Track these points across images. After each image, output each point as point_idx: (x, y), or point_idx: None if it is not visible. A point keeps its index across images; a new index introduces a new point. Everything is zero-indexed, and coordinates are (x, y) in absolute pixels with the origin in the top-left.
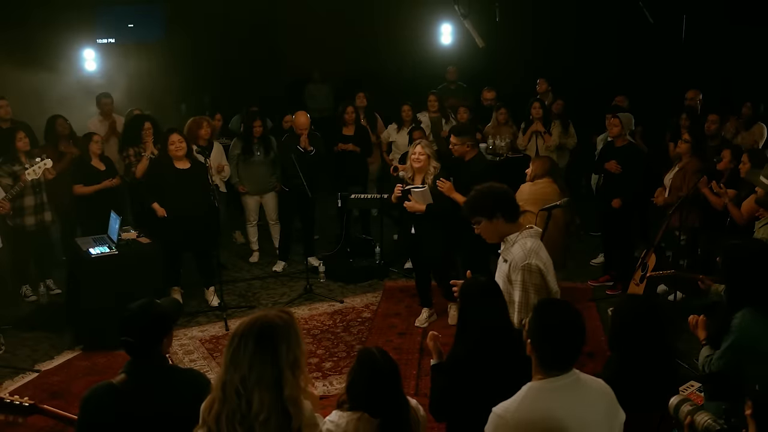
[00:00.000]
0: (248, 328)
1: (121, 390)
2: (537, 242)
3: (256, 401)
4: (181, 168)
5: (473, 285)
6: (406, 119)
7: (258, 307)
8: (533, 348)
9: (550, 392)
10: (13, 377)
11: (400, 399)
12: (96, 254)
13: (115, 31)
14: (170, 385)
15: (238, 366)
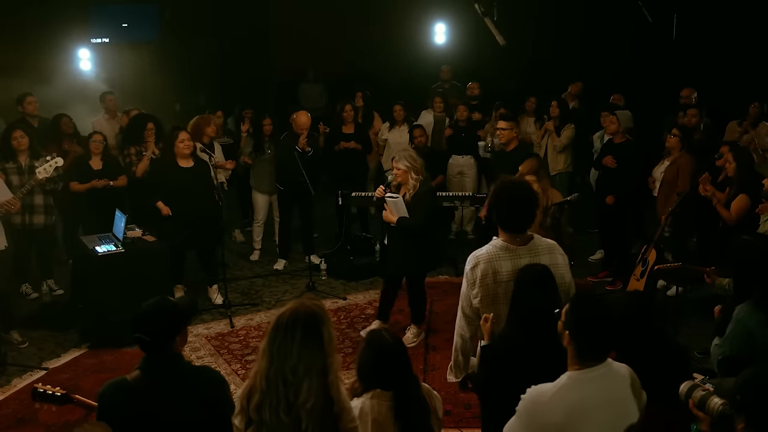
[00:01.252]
0: (292, 318)
1: (134, 386)
2: (490, 251)
3: (304, 389)
4: (184, 166)
5: (529, 271)
6: (398, 119)
7: (261, 304)
8: (571, 339)
9: (585, 382)
10: (21, 375)
11: (409, 373)
12: (103, 252)
13: (109, 30)
14: (184, 382)
15: (286, 356)
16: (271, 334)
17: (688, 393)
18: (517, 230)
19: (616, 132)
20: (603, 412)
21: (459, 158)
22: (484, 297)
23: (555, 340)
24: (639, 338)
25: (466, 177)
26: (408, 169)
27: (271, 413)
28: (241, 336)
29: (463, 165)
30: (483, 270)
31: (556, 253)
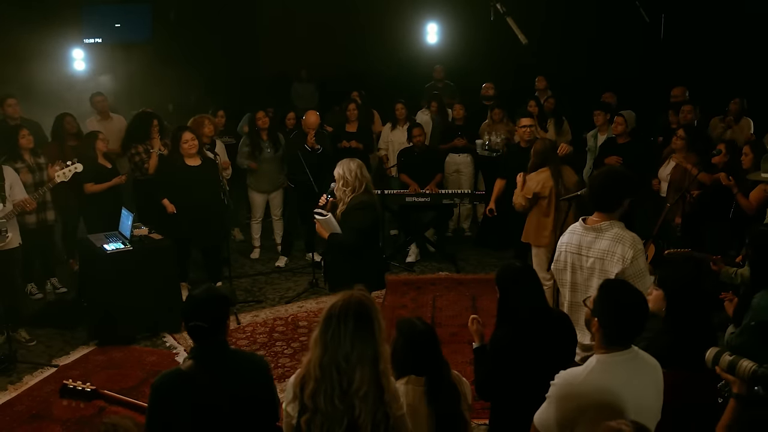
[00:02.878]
0: (344, 308)
1: (189, 375)
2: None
3: (357, 377)
4: (192, 165)
5: (510, 270)
6: (399, 117)
7: (265, 301)
8: (600, 326)
9: (614, 365)
10: (32, 372)
11: (440, 357)
12: (111, 250)
13: (102, 30)
14: (235, 368)
15: (339, 345)
16: (324, 324)
17: (715, 359)
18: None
19: (623, 133)
20: (634, 395)
21: (456, 156)
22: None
23: (545, 337)
24: (690, 304)
25: (463, 175)
26: (338, 179)
27: (326, 401)
28: (247, 332)
29: (459, 163)
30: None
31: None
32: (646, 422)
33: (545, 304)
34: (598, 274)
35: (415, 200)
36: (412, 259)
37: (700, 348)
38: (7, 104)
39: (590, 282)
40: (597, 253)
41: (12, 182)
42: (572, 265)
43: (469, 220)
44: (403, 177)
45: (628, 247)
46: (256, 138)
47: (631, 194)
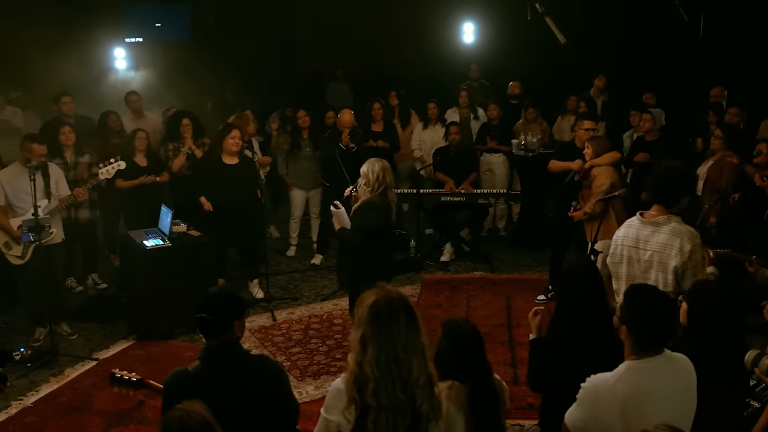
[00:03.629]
0: (390, 304)
1: (196, 375)
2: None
3: (415, 366)
4: (229, 163)
5: (575, 265)
6: (431, 117)
7: (301, 299)
8: (629, 332)
9: (644, 371)
10: (73, 365)
11: (485, 364)
12: (151, 246)
13: (143, 30)
14: (243, 369)
15: (395, 338)
16: (372, 323)
17: (755, 361)
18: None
19: (651, 130)
20: (663, 401)
21: (489, 156)
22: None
23: (604, 331)
24: (716, 325)
25: (495, 175)
26: (362, 176)
27: (389, 395)
28: (283, 329)
29: (492, 162)
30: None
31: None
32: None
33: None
34: (656, 267)
35: (450, 199)
36: (447, 259)
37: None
38: (62, 102)
39: (648, 275)
40: (655, 246)
41: (57, 178)
42: (629, 258)
43: (504, 219)
44: (439, 175)
45: (687, 241)
46: (296, 136)
47: (689, 192)
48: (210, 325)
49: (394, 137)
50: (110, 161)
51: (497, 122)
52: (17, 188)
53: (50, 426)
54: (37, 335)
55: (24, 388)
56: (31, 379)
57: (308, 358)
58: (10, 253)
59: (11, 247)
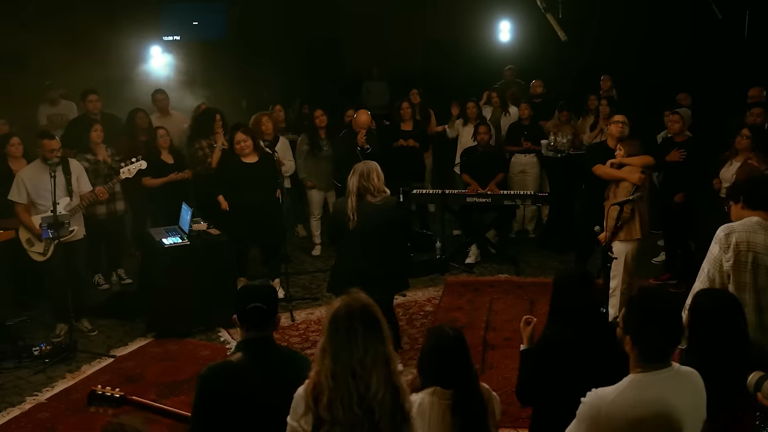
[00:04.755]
0: (350, 313)
1: (240, 367)
2: (747, 225)
3: (374, 381)
4: (248, 162)
5: (566, 274)
6: (471, 116)
7: (322, 299)
8: (634, 343)
9: (650, 385)
10: (90, 362)
11: (469, 369)
12: (169, 244)
13: (181, 28)
14: (282, 364)
15: (352, 350)
16: (331, 332)
17: (758, 384)
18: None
19: (680, 131)
20: (671, 417)
21: (521, 157)
22: (735, 263)
23: (598, 340)
24: (721, 335)
25: (528, 176)
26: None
27: (344, 409)
28: (301, 330)
29: (525, 164)
30: (738, 238)
31: None
32: None
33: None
34: None
35: (475, 200)
36: (472, 261)
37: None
38: (88, 100)
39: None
40: None
41: (78, 175)
42: (756, 265)
43: (533, 221)
44: (465, 177)
45: None
46: (314, 136)
47: None
48: (263, 315)
49: (424, 136)
50: (131, 160)
51: (528, 122)
52: (39, 186)
53: (62, 422)
54: (58, 331)
55: (40, 384)
56: (48, 374)
57: None
58: (32, 249)
59: (33, 244)
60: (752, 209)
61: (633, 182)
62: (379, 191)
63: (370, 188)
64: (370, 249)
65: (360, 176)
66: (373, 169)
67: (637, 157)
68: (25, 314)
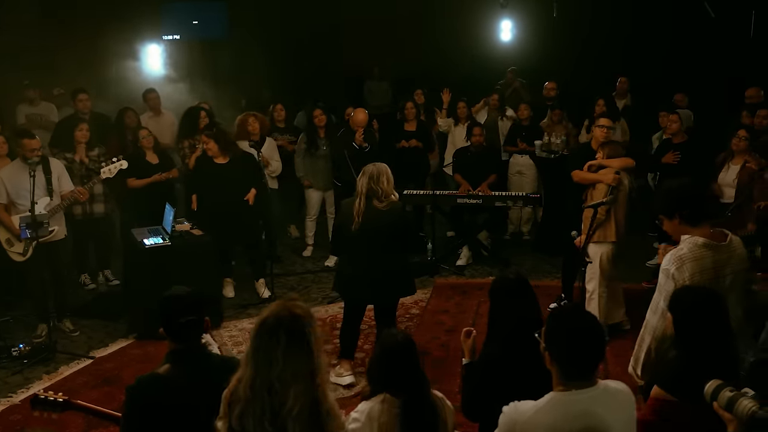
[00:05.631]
0: (275, 322)
1: (166, 378)
2: (695, 251)
3: (291, 396)
4: (219, 163)
5: (502, 282)
6: (461, 116)
7: (308, 301)
8: (553, 360)
9: (570, 404)
10: (69, 363)
11: (418, 375)
12: (150, 245)
13: (180, 27)
14: (212, 370)
15: (271, 363)
16: (254, 341)
17: (715, 393)
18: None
19: (678, 132)
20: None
21: (519, 157)
22: None
23: (537, 354)
24: (701, 331)
25: (525, 177)
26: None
27: (255, 423)
28: None
29: (522, 164)
30: (691, 269)
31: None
32: None
33: (538, 318)
34: (737, 291)
35: (466, 201)
36: (463, 263)
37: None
38: (78, 99)
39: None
40: (737, 267)
41: (59, 174)
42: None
43: (529, 223)
44: (457, 177)
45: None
46: (313, 135)
47: None
48: (194, 327)
49: (427, 137)
50: (112, 160)
51: (527, 123)
52: (18, 185)
53: (33, 424)
54: (39, 331)
55: (16, 385)
56: (25, 375)
57: None
58: (12, 249)
59: (13, 244)
60: (692, 225)
61: (607, 183)
62: (387, 195)
63: (378, 192)
64: (369, 253)
65: (369, 178)
66: (383, 172)
67: (616, 159)
68: (9, 314)
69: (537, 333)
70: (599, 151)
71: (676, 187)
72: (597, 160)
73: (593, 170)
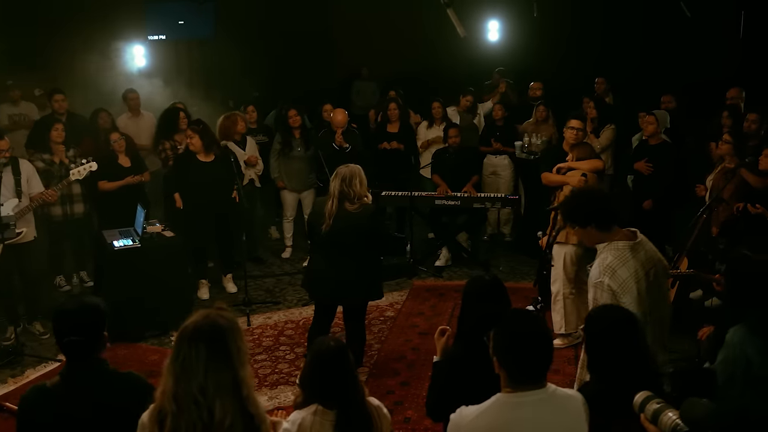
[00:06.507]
0: (195, 332)
1: (53, 390)
2: (620, 256)
3: (218, 408)
4: (203, 160)
5: (475, 283)
6: (436, 116)
7: (282, 303)
8: (500, 364)
9: (515, 407)
10: (36, 366)
11: (352, 384)
12: (119, 247)
13: (166, 27)
14: (105, 384)
15: (192, 374)
16: (175, 351)
17: (642, 405)
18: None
19: (654, 133)
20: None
21: (493, 158)
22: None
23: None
24: (613, 353)
25: (500, 178)
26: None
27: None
28: (255, 335)
29: (496, 165)
30: (623, 274)
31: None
32: None
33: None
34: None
35: (444, 203)
36: (442, 264)
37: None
38: (54, 99)
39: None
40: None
41: (29, 176)
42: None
43: (509, 224)
44: (435, 178)
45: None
46: (287, 136)
47: None
48: (80, 347)
49: (410, 139)
50: (82, 162)
51: (501, 123)
52: None
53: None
54: (9, 334)
55: None
56: None
57: (271, 366)
58: None
59: None
60: (607, 231)
61: (573, 185)
62: (360, 197)
63: (350, 194)
64: (338, 255)
65: (342, 180)
66: (356, 173)
67: (585, 161)
68: None
69: (486, 337)
70: (569, 152)
71: (586, 198)
72: (566, 163)
73: (563, 172)
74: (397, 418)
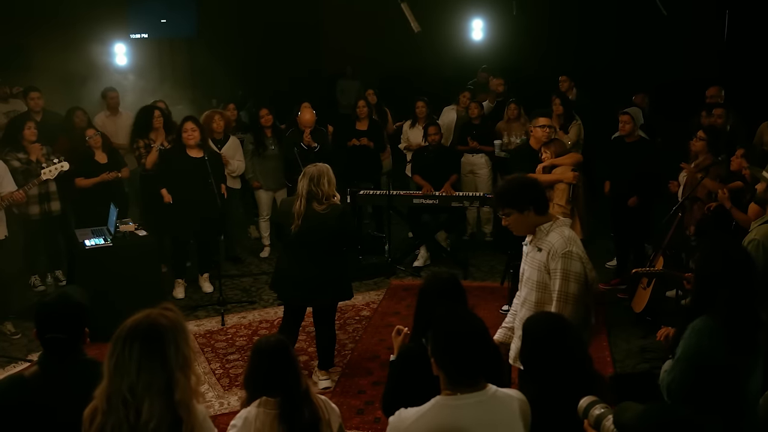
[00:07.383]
0: (132, 331)
1: (28, 380)
2: (572, 231)
3: (145, 409)
4: (193, 156)
5: (432, 280)
6: (420, 116)
7: (258, 302)
8: (437, 365)
9: (453, 409)
10: (5, 366)
11: (293, 375)
12: (90, 245)
13: (148, 26)
14: (83, 374)
15: (124, 373)
16: (110, 349)
17: (586, 411)
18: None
19: (631, 132)
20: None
21: (470, 157)
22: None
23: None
24: (550, 360)
25: (478, 176)
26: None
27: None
28: (229, 335)
29: (474, 164)
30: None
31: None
32: None
33: None
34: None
35: (422, 202)
36: (420, 264)
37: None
38: (29, 97)
39: None
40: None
41: (1, 176)
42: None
43: (491, 223)
44: (416, 178)
45: None
46: (260, 135)
47: None
48: (62, 344)
49: (379, 136)
50: (53, 161)
51: (478, 121)
52: None
53: None
54: None
55: None
56: None
57: (243, 366)
58: None
59: None
60: (543, 214)
61: (568, 182)
62: (329, 197)
63: (318, 194)
64: (307, 256)
65: (310, 180)
66: (324, 173)
67: (566, 156)
68: None
69: (424, 338)
70: (543, 151)
71: (522, 184)
72: (548, 161)
73: (547, 171)
74: (368, 418)
